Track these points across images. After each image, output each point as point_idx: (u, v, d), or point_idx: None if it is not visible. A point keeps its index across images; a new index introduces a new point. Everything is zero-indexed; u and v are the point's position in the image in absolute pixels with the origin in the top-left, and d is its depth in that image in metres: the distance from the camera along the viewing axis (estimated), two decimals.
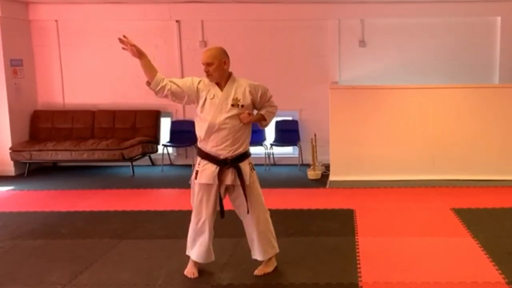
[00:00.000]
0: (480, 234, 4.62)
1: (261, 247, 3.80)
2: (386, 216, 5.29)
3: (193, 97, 3.63)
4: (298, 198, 6.08)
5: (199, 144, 3.69)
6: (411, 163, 6.67)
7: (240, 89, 3.63)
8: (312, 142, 7.26)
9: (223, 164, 3.60)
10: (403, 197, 6.03)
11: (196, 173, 3.66)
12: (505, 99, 6.62)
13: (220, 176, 3.59)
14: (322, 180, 6.94)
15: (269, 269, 3.85)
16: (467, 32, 7.75)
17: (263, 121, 3.77)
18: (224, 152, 3.59)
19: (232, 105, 3.57)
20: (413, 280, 3.66)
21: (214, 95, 3.60)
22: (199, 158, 3.70)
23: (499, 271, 3.79)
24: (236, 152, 3.61)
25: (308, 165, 7.39)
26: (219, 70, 3.58)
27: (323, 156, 7.30)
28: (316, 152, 7.22)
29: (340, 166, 6.75)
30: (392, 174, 6.64)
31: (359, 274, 3.78)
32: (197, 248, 3.78)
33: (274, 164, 8.01)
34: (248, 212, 3.71)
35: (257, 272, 3.81)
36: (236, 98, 3.59)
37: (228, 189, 3.72)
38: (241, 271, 3.87)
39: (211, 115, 3.57)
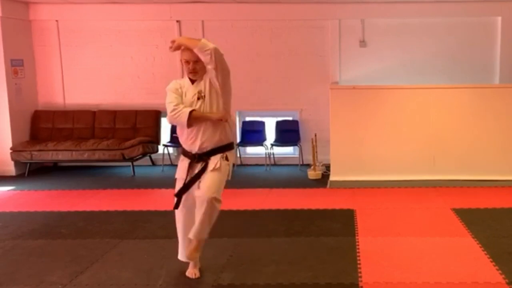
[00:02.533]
0: (480, 234, 4.62)
1: (195, 226, 3.60)
2: (387, 216, 5.29)
3: None
4: (298, 198, 6.08)
5: (180, 140, 3.76)
6: (411, 163, 6.66)
7: (206, 80, 3.55)
8: (312, 142, 7.26)
9: (193, 158, 3.64)
10: (403, 197, 6.04)
11: None
12: (506, 99, 6.61)
13: (190, 170, 3.63)
14: (323, 180, 6.94)
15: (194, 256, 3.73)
16: (467, 32, 7.75)
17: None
18: (193, 148, 3.62)
19: (198, 98, 3.56)
20: (414, 280, 3.67)
21: (186, 93, 3.63)
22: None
23: (499, 271, 3.79)
24: (205, 147, 3.59)
25: (308, 165, 7.39)
26: (204, 68, 3.54)
27: (323, 156, 7.30)
28: (316, 152, 7.23)
29: (340, 166, 6.74)
30: (393, 174, 6.63)
31: (359, 274, 3.78)
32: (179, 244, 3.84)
33: (275, 164, 8.02)
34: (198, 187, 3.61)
35: (187, 274, 3.77)
36: (200, 90, 3.56)
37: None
38: (241, 271, 3.87)
39: None
